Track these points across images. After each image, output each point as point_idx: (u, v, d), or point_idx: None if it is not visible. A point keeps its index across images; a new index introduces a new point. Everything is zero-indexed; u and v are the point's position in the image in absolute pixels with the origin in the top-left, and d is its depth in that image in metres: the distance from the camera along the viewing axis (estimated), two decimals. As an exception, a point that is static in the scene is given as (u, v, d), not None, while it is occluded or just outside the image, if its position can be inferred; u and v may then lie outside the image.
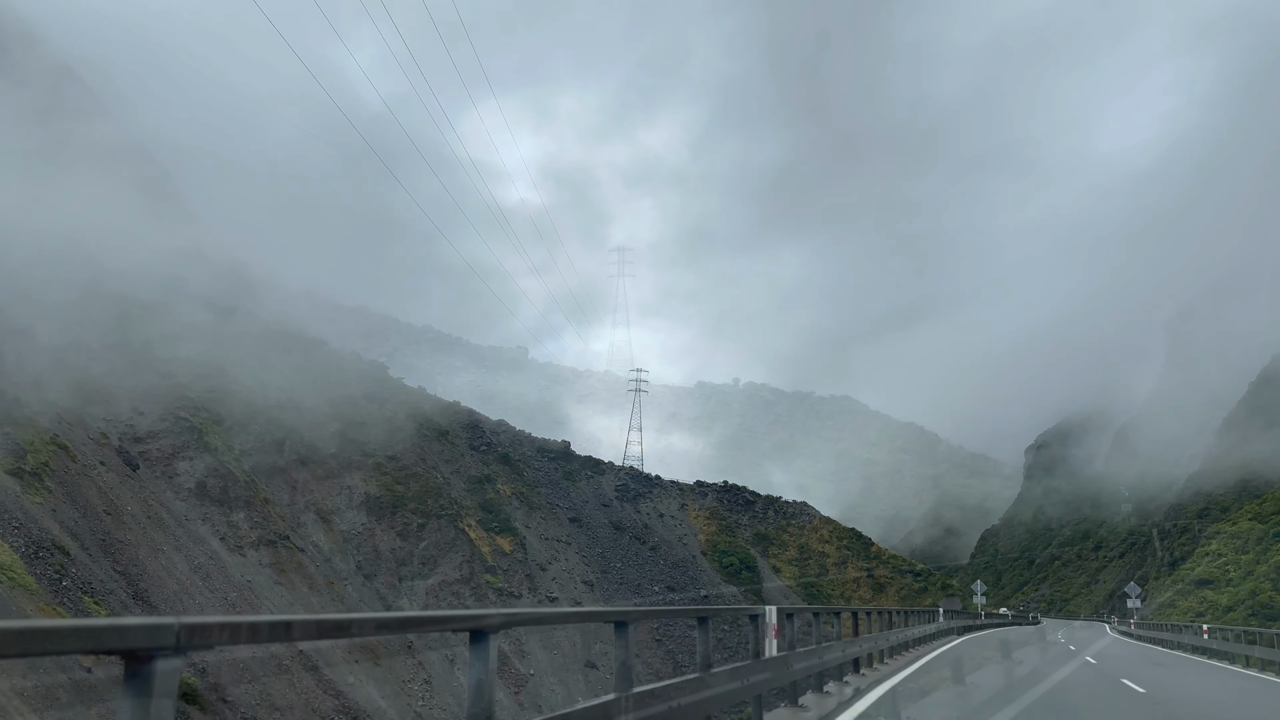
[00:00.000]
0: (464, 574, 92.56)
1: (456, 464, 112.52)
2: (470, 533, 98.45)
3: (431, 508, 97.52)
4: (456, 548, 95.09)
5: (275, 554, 67.16)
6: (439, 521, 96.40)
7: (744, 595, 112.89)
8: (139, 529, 50.49)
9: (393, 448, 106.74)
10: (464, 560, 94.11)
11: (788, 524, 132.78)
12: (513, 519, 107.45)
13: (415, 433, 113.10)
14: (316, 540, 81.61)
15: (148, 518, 53.39)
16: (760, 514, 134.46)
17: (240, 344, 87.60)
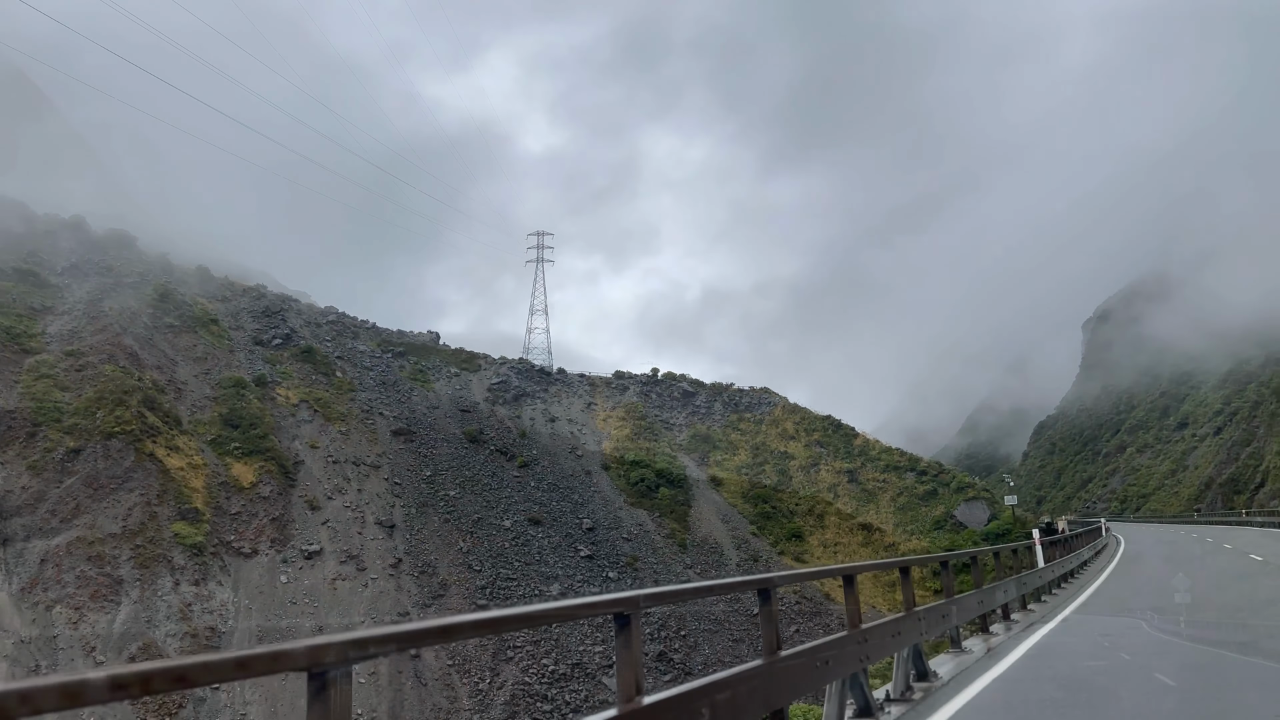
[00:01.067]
0: (131, 524, 55.94)
1: (211, 361, 75.42)
2: (171, 460, 61.60)
3: (103, 424, 60.85)
4: (130, 484, 58.41)
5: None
6: (110, 445, 59.79)
7: (655, 520, 75.08)
8: None
9: (86, 338, 70.26)
10: (140, 503, 57.47)
11: (740, 419, 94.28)
12: (281, 437, 70.32)
13: (149, 318, 76.46)
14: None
15: None
16: (703, 409, 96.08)
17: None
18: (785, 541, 77.75)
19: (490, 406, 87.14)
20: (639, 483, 79.99)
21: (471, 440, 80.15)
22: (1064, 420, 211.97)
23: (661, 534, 75.13)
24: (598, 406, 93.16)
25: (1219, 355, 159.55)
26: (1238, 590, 22.66)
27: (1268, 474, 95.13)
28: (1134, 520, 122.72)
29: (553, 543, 69.44)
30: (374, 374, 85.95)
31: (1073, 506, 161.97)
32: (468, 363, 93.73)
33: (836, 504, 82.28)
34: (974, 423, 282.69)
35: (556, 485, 77.39)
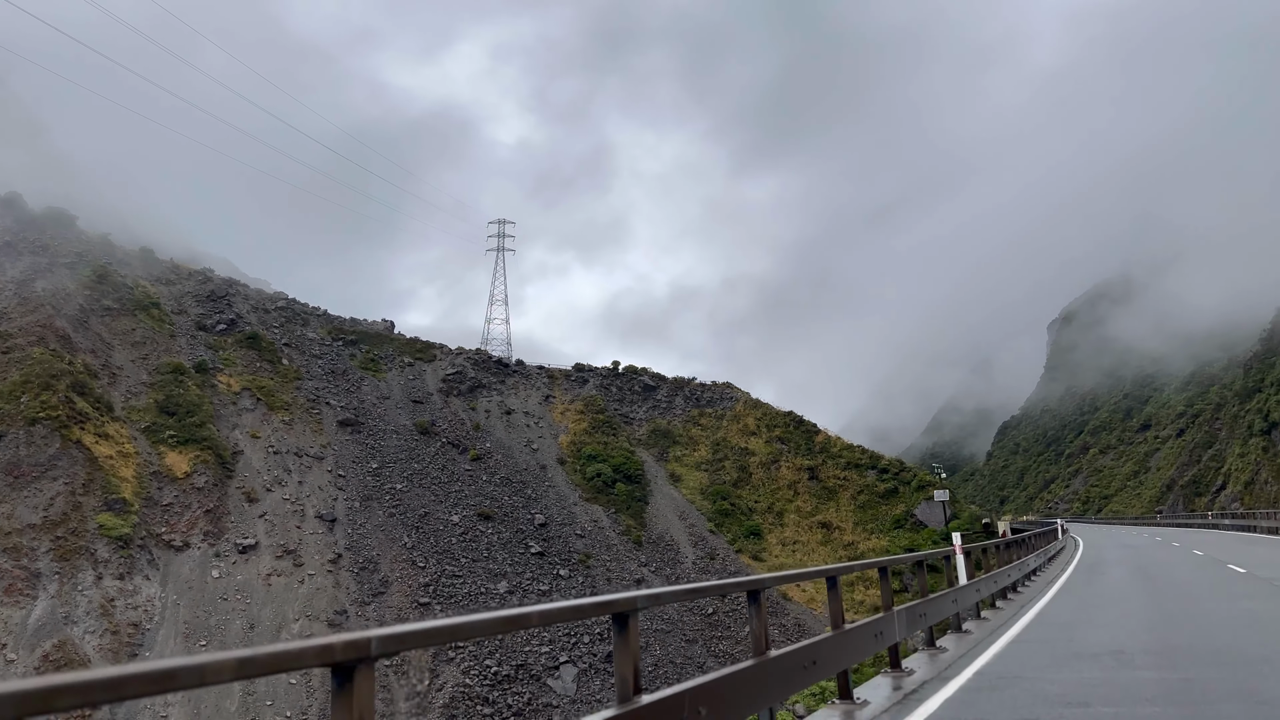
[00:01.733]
0: (53, 515, 53.08)
1: (150, 346, 72.39)
2: (100, 447, 58.69)
3: (27, 409, 57.85)
4: (53, 473, 55.50)
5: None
6: (34, 431, 56.84)
7: (611, 517, 72.98)
8: None
9: (14, 320, 67.12)
10: (64, 493, 54.59)
11: (702, 414, 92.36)
12: (221, 426, 67.52)
13: (85, 300, 73.28)
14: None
15: None
16: (664, 403, 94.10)
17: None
18: (743, 539, 75.94)
19: (444, 398, 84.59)
20: (595, 478, 77.83)
21: (422, 432, 77.62)
22: (1028, 421, 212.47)
23: (616, 530, 73.06)
24: (556, 399, 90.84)
25: (1181, 358, 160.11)
26: (1226, 621, 15.87)
27: (1229, 476, 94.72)
28: (1096, 521, 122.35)
29: (502, 539, 67.13)
30: (323, 362, 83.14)
31: (1035, 507, 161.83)
32: (423, 353, 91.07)
33: (796, 501, 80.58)
34: (939, 422, 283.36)
35: (509, 479, 75.06)
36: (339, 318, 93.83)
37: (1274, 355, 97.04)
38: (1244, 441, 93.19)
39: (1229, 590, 22.06)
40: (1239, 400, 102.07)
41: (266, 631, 53.38)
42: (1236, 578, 25.60)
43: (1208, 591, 22.12)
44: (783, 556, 74.73)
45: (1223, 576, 26.31)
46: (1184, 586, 23.98)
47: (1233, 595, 20.63)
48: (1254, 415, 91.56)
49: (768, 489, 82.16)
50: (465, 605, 58.91)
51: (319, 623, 54.73)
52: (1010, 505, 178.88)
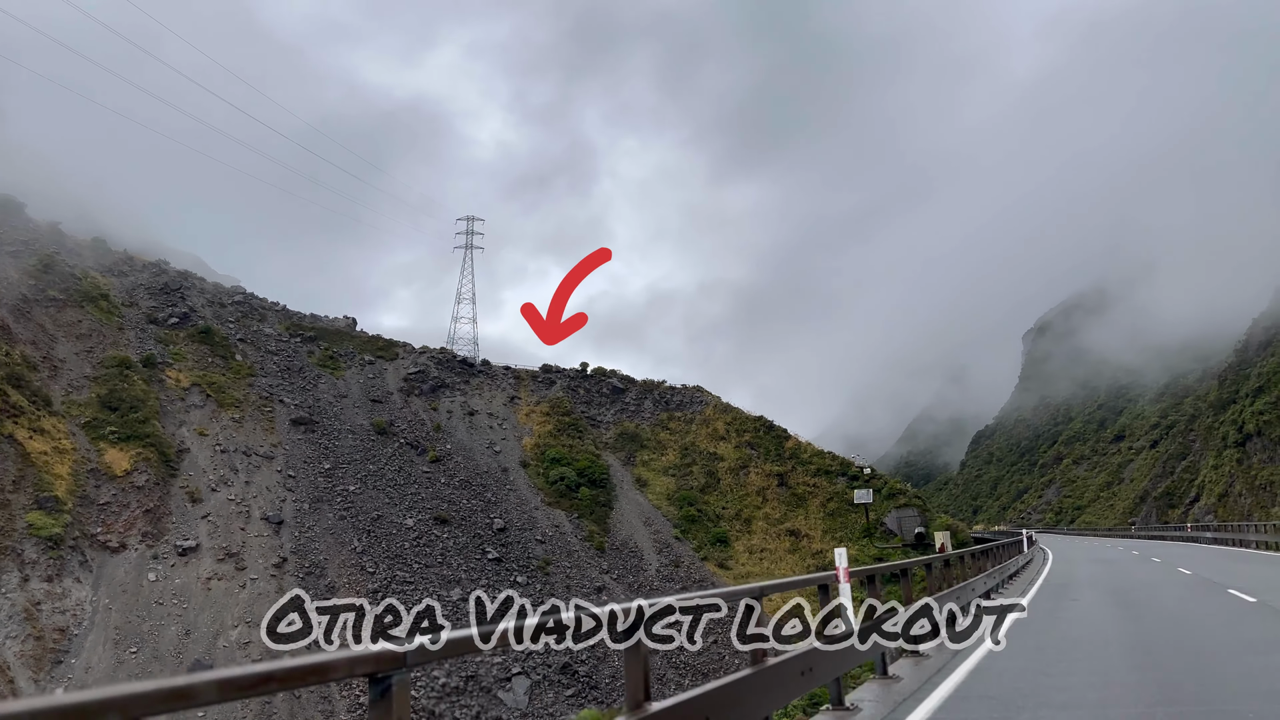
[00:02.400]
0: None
1: (96, 339, 69.51)
2: (33, 443, 55.90)
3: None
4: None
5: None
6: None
7: (573, 522, 70.74)
8: None
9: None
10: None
11: (671, 417, 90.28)
12: (167, 423, 64.75)
13: (29, 289, 70.35)
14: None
15: None
16: (632, 406, 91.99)
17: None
18: (710, 546, 73.89)
19: (405, 398, 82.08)
20: (558, 481, 75.57)
21: (380, 432, 75.10)
22: (1002, 431, 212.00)
23: (579, 536, 70.81)
24: (521, 401, 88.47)
25: (1156, 369, 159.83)
26: (1256, 688, 10.95)
27: (1203, 488, 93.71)
28: (1069, 532, 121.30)
29: (458, 544, 64.73)
30: (278, 359, 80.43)
31: (1008, 517, 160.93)
32: (384, 351, 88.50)
33: (765, 508, 78.60)
34: (913, 432, 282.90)
35: (469, 482, 72.67)
36: (298, 314, 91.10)
37: (1248, 367, 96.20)
38: (1218, 453, 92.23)
39: (1242, 631, 16.55)
40: (1213, 412, 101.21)
41: (203, 638, 50.76)
42: (1246, 610, 19.93)
43: (1213, 632, 16.69)
44: (750, 565, 72.71)
45: (1227, 608, 20.80)
46: (1179, 623, 18.34)
47: (1250, 642, 15.22)
48: (1228, 427, 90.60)
49: (736, 495, 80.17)
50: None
51: (259, 630, 52.12)
52: (983, 515, 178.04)
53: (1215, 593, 24.70)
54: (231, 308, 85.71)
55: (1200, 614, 19.80)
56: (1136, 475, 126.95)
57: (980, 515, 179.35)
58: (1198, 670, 12.77)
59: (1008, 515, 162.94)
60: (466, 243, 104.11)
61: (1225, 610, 20.23)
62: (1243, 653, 14.05)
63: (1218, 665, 13.10)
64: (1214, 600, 22.64)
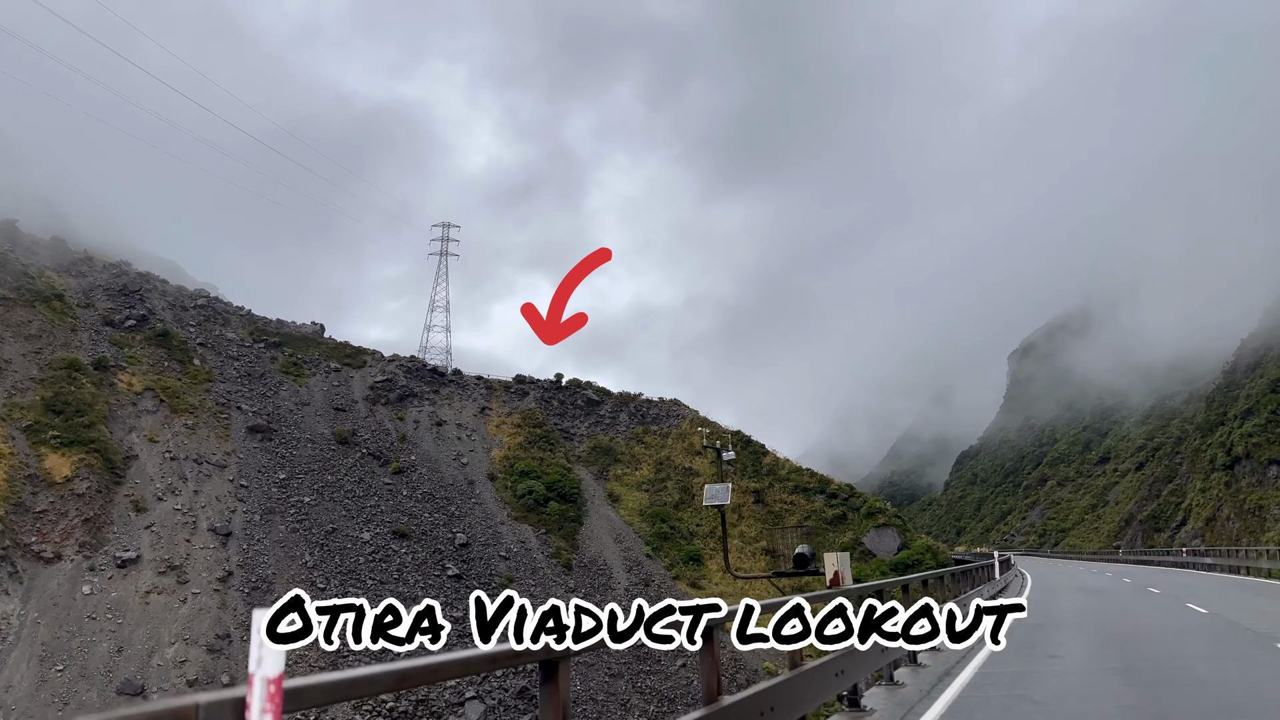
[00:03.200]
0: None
1: (46, 339, 66.69)
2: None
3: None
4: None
5: None
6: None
7: (540, 537, 68.03)
8: None
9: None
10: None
11: (647, 431, 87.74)
12: (115, 428, 61.93)
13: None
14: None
15: None
16: (607, 419, 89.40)
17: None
18: (682, 565, 71.28)
19: (370, 406, 79.32)
20: (526, 495, 72.88)
21: (341, 442, 72.31)
22: (986, 451, 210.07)
23: (545, 552, 68.09)
24: (493, 412, 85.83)
25: (1141, 391, 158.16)
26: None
27: (1190, 511, 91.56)
28: (1052, 555, 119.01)
29: (417, 559, 61.94)
30: (240, 364, 77.59)
31: (991, 539, 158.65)
32: (352, 358, 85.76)
33: (740, 526, 76.04)
34: (898, 451, 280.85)
35: (433, 495, 69.91)
36: (263, 319, 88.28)
37: (1236, 388, 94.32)
38: (1205, 476, 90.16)
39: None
40: (1200, 434, 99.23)
41: (136, 656, 47.79)
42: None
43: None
44: (724, 584, 70.07)
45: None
46: (1228, 708, 10.96)
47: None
48: (1216, 449, 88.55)
49: (711, 511, 77.54)
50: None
51: (197, 647, 49.23)
52: (966, 536, 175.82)
53: (1257, 645, 17.30)
54: (194, 311, 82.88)
55: (1257, 689, 12.50)
56: (1121, 498, 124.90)
57: (964, 537, 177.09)
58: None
59: (991, 537, 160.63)
60: (442, 249, 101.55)
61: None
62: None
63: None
64: (1265, 660, 15.27)
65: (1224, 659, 15.72)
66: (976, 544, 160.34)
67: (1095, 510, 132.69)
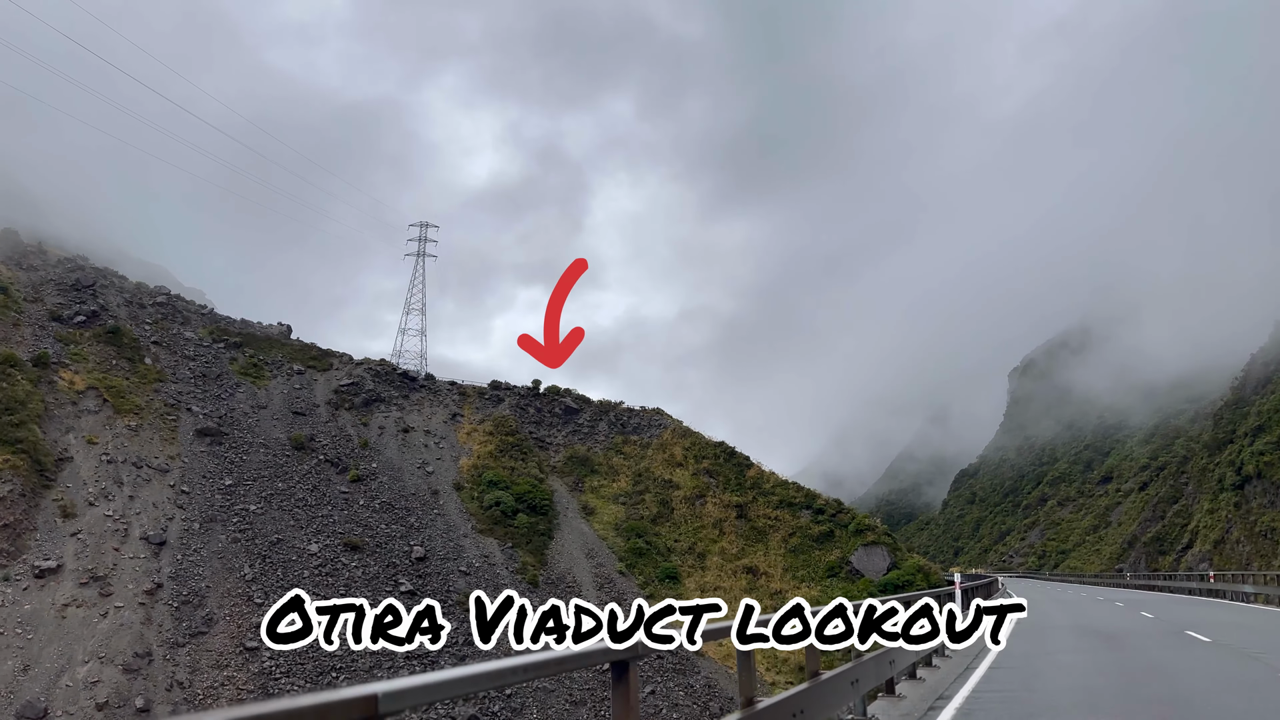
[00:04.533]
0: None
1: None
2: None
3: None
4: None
5: None
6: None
7: (505, 552, 63.82)
8: None
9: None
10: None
11: (626, 441, 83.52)
12: (51, 428, 57.77)
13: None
14: None
15: None
16: (586, 428, 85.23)
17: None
18: (657, 583, 66.94)
19: (333, 411, 75.13)
20: (493, 507, 68.60)
21: (297, 447, 68.09)
22: (985, 470, 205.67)
23: (510, 568, 63.74)
24: (464, 419, 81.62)
25: (1145, 409, 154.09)
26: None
27: (1196, 533, 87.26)
28: (1051, 577, 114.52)
29: (368, 574, 57.61)
30: (196, 364, 73.46)
31: (989, 559, 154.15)
32: (317, 360, 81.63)
33: (721, 542, 71.71)
34: (895, 470, 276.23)
35: (391, 505, 65.63)
36: (226, 318, 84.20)
37: (1246, 405, 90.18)
38: (1213, 496, 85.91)
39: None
40: (1207, 453, 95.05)
41: (44, 675, 43.44)
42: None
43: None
44: (701, 604, 65.76)
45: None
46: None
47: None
48: (1225, 468, 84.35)
49: (690, 527, 73.29)
50: (303, 653, 49.23)
51: (113, 666, 44.88)
52: (964, 556, 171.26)
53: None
54: (152, 309, 78.79)
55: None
56: (1124, 519, 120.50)
57: (962, 557, 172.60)
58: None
59: (989, 558, 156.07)
60: (419, 250, 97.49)
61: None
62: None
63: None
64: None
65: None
66: (975, 564, 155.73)
67: (1097, 531, 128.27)
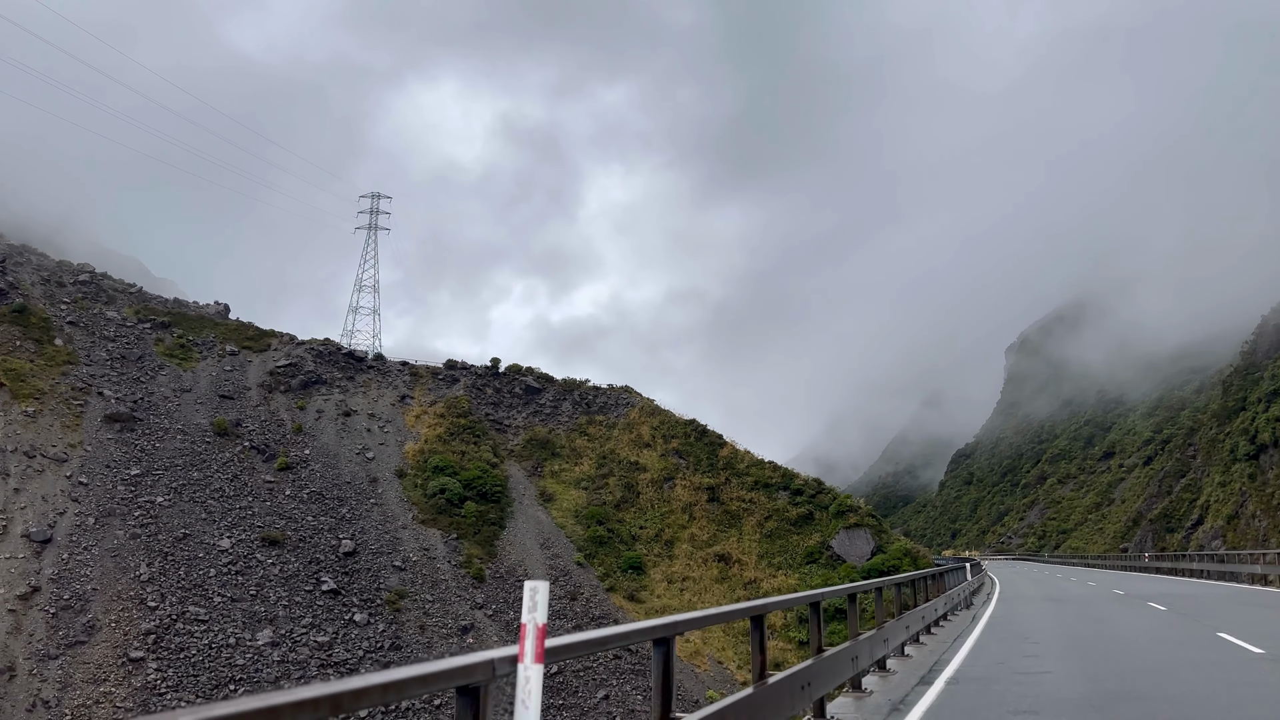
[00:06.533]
0: None
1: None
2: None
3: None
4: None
5: None
6: None
7: (449, 544, 57.50)
8: None
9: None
10: None
11: (591, 421, 77.23)
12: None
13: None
14: None
15: None
16: (548, 408, 78.92)
17: None
18: (619, 574, 60.81)
19: (266, 394, 68.80)
20: (438, 495, 62.38)
21: (220, 433, 61.78)
22: (981, 450, 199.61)
23: (453, 561, 57.53)
24: (414, 401, 75.33)
25: (1146, 382, 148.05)
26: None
27: (1207, 508, 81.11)
28: (1051, 559, 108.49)
29: (286, 571, 51.36)
30: (115, 346, 67.09)
31: (987, 541, 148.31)
32: (254, 341, 75.26)
33: (691, 528, 65.54)
34: (891, 454, 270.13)
35: (321, 495, 59.37)
36: (156, 297, 77.88)
37: (1258, 371, 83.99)
38: (1225, 469, 79.79)
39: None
40: (1217, 423, 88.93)
41: None
42: None
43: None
44: (668, 597, 59.64)
45: None
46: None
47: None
48: (1237, 437, 78.21)
49: (657, 512, 67.10)
50: (197, 663, 42.99)
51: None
52: (962, 538, 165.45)
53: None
54: (72, 288, 72.40)
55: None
56: (1129, 495, 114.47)
57: (959, 539, 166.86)
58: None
59: (987, 539, 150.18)
60: (370, 223, 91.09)
61: None
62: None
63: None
64: None
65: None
66: (972, 546, 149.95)
67: (1100, 509, 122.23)
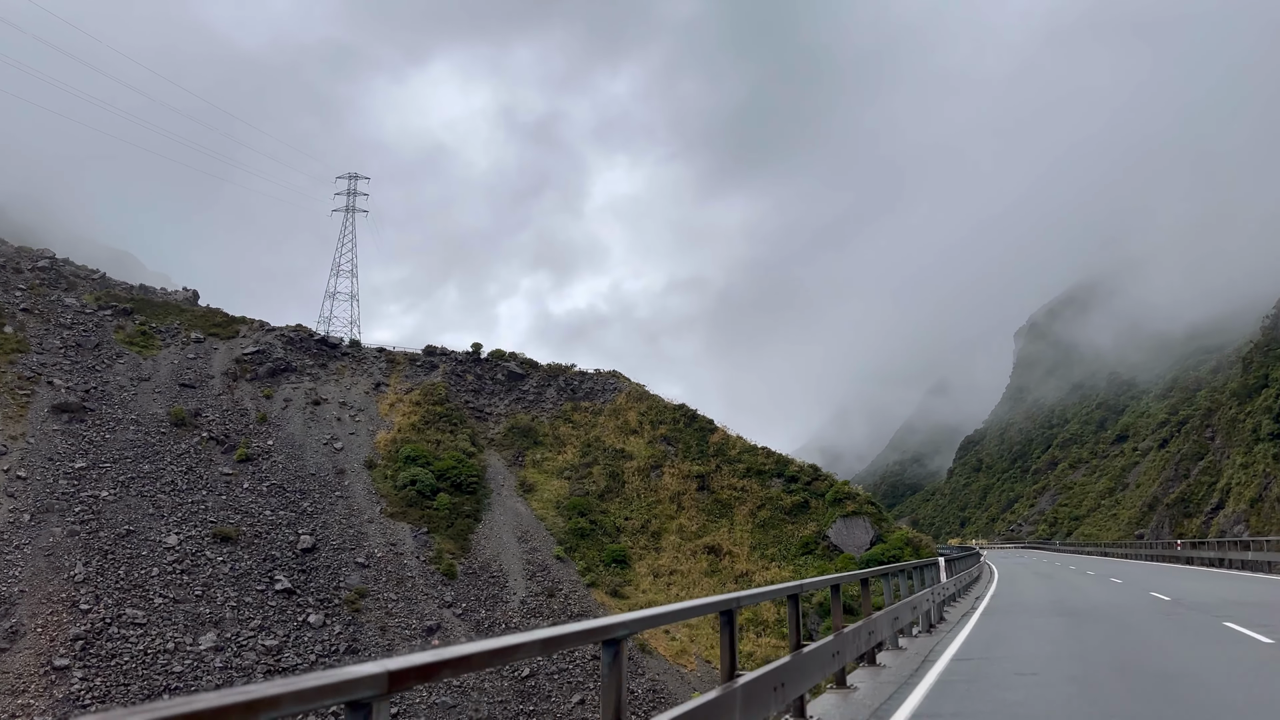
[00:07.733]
0: None
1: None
2: None
3: None
4: None
5: None
6: None
7: (419, 538, 53.77)
8: None
9: None
10: None
11: (576, 408, 73.46)
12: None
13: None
14: None
15: None
16: (531, 395, 75.16)
17: None
18: (602, 568, 57.11)
19: (230, 382, 65.21)
20: (408, 486, 58.74)
21: (178, 423, 58.21)
22: (990, 436, 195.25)
23: (423, 557, 53.87)
24: (389, 388, 71.71)
25: (1160, 363, 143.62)
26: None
27: (1228, 491, 76.97)
28: (1062, 548, 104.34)
29: (237, 570, 47.76)
30: (71, 333, 63.60)
31: (997, 529, 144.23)
32: (221, 328, 71.68)
33: (679, 519, 61.78)
34: (898, 442, 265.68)
35: (282, 488, 55.77)
36: (121, 284, 74.36)
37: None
38: (1247, 449, 75.66)
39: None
40: (1237, 402, 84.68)
41: None
42: None
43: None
44: (653, 593, 55.89)
45: None
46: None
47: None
48: (1260, 416, 74.14)
49: (643, 502, 63.34)
50: (129, 670, 39.43)
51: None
52: (971, 526, 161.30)
53: None
54: (31, 274, 68.92)
55: None
56: (1143, 480, 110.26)
57: (969, 527, 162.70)
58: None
59: (996, 527, 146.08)
60: (347, 205, 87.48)
61: None
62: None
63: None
64: None
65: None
66: (982, 534, 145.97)
67: (1113, 494, 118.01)
